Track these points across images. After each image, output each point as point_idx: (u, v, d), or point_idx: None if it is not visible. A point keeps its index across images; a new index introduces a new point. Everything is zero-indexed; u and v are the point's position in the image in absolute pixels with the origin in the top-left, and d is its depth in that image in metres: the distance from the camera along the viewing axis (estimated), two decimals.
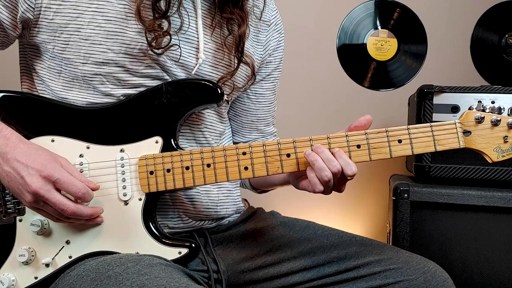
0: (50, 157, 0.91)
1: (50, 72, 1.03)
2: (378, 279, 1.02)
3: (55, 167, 0.89)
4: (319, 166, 0.92)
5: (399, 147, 0.97)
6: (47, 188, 0.87)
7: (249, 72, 1.14)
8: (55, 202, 0.88)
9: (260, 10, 1.18)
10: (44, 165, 0.88)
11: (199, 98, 1.01)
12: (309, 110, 2.06)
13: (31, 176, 0.87)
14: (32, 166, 0.87)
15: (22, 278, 0.95)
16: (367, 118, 0.97)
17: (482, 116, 0.97)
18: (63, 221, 0.93)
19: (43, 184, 0.87)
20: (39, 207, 0.90)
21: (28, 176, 0.87)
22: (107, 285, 0.83)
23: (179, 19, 1.03)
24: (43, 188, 0.87)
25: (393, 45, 1.84)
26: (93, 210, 0.93)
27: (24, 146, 0.90)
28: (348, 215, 2.05)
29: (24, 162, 0.88)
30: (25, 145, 0.90)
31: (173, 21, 1.02)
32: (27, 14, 0.97)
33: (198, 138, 1.09)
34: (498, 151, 0.97)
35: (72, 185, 0.89)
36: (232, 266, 1.09)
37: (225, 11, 1.07)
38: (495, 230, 1.43)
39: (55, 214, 0.91)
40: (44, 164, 0.88)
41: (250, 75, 1.14)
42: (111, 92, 1.01)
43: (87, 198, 0.91)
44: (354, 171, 0.93)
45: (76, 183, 0.90)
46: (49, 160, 0.89)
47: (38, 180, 0.87)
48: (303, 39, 2.02)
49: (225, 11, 1.07)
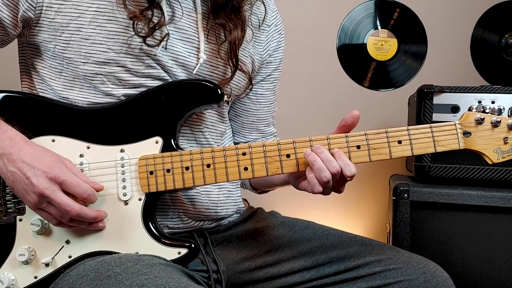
0: (56, 159, 0.91)
1: (51, 72, 1.03)
2: (378, 279, 1.02)
3: (61, 169, 0.90)
4: (318, 167, 0.92)
5: (399, 148, 0.96)
6: (53, 189, 0.88)
7: (245, 81, 1.13)
8: (60, 202, 0.88)
9: (260, 15, 1.17)
10: (51, 167, 0.89)
11: (199, 98, 1.01)
12: (309, 110, 2.06)
13: (37, 177, 0.88)
14: (38, 167, 0.88)
15: (22, 278, 0.95)
16: (353, 114, 0.96)
17: (482, 117, 0.96)
18: (64, 224, 0.93)
19: (49, 185, 0.88)
20: (42, 207, 0.90)
21: (34, 177, 0.88)
22: (107, 285, 0.83)
23: (171, 10, 1.02)
24: (49, 188, 0.88)
25: (393, 45, 1.84)
26: (97, 213, 0.94)
27: (29, 147, 0.91)
28: (348, 215, 2.05)
29: (30, 163, 0.88)
30: (30, 147, 0.91)
31: (167, 11, 1.01)
32: (28, 13, 0.97)
33: (199, 139, 1.09)
34: (498, 152, 0.97)
35: (78, 186, 0.90)
36: (232, 266, 1.09)
37: (218, 16, 1.06)
38: (495, 230, 1.43)
39: (57, 216, 0.91)
40: (50, 165, 0.89)
41: (247, 83, 1.14)
42: (112, 92, 1.01)
43: (93, 199, 0.92)
44: (353, 172, 0.92)
45: (82, 184, 0.91)
46: (55, 162, 0.90)
47: (44, 181, 0.88)
48: (303, 39, 2.01)
49: (219, 16, 1.06)
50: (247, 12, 1.12)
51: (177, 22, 1.04)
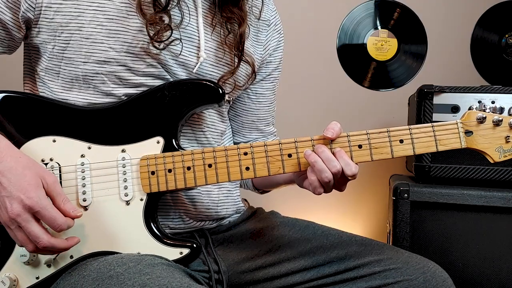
0: (35, 181, 0.86)
1: (48, 73, 1.03)
2: (378, 279, 1.02)
3: (38, 196, 0.85)
4: (319, 168, 0.92)
5: (401, 147, 0.96)
6: (25, 217, 0.84)
7: (249, 71, 1.14)
8: (30, 232, 0.84)
9: (258, 9, 1.18)
10: (27, 192, 0.84)
11: (201, 98, 1.01)
12: (308, 110, 2.06)
13: (12, 200, 0.83)
14: (14, 192, 0.83)
15: (24, 278, 0.95)
16: (332, 129, 0.95)
17: (484, 116, 0.96)
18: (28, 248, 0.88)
19: (22, 212, 0.83)
20: (11, 228, 0.86)
21: (8, 200, 0.83)
22: (109, 285, 0.83)
23: (180, 13, 1.03)
24: (22, 216, 0.84)
25: (393, 45, 1.85)
26: (67, 243, 0.89)
27: (10, 160, 0.86)
28: (348, 215, 2.06)
29: (6, 185, 0.84)
30: (11, 159, 0.87)
31: (173, 15, 1.02)
32: (27, 13, 0.97)
33: (200, 138, 1.09)
34: (500, 151, 0.97)
35: (53, 220, 0.85)
36: (232, 266, 1.09)
37: (224, 10, 1.07)
38: (495, 230, 1.43)
39: (22, 241, 0.86)
40: (27, 190, 0.84)
41: (250, 73, 1.14)
42: (113, 91, 1.01)
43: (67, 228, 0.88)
44: (354, 172, 0.93)
45: (57, 218, 0.85)
46: (33, 185, 0.85)
47: (18, 207, 0.83)
48: (303, 39, 2.02)
49: (225, 10, 1.07)
50: (247, 6, 1.13)
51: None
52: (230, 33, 1.08)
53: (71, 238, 0.91)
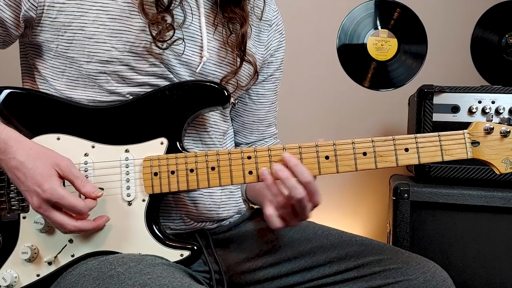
0: (47, 171, 0.89)
1: (53, 71, 1.03)
2: (378, 279, 1.02)
3: (52, 187, 0.87)
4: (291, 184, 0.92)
5: (406, 156, 0.96)
6: (46, 208, 0.88)
7: (251, 71, 1.14)
8: (54, 221, 0.89)
9: (260, 10, 1.18)
10: (41, 185, 0.87)
11: (206, 100, 1.00)
12: (308, 110, 2.06)
13: (31, 194, 0.88)
14: (31, 186, 0.87)
15: (24, 275, 0.95)
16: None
17: (491, 127, 0.95)
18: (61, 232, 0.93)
19: (42, 204, 0.87)
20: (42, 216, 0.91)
21: (28, 194, 0.88)
22: (109, 284, 0.83)
23: (182, 13, 1.03)
24: (43, 207, 0.88)
25: (393, 45, 1.85)
26: (95, 224, 0.93)
27: (22, 153, 0.89)
28: (348, 215, 2.06)
29: (24, 179, 0.88)
30: (23, 152, 0.89)
31: (176, 15, 1.02)
32: (29, 12, 0.97)
33: (204, 139, 1.09)
34: (507, 162, 0.95)
35: (72, 208, 0.88)
36: (233, 266, 1.09)
37: (226, 10, 1.07)
38: (495, 230, 1.43)
39: (54, 226, 0.92)
40: (41, 183, 0.87)
41: (252, 73, 1.14)
42: (117, 90, 1.00)
43: (87, 211, 0.91)
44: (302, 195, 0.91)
45: (76, 205, 0.88)
46: (46, 177, 0.88)
47: (38, 200, 0.87)
48: (303, 39, 2.02)
49: (227, 10, 1.07)
50: (249, 6, 1.13)
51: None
52: (232, 33, 1.08)
53: (99, 217, 0.94)
